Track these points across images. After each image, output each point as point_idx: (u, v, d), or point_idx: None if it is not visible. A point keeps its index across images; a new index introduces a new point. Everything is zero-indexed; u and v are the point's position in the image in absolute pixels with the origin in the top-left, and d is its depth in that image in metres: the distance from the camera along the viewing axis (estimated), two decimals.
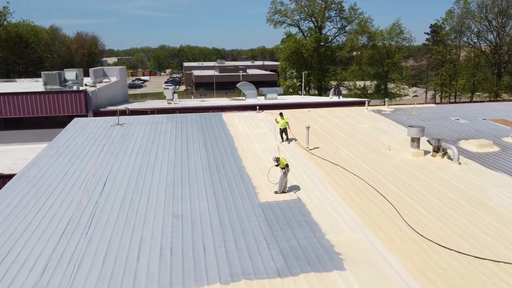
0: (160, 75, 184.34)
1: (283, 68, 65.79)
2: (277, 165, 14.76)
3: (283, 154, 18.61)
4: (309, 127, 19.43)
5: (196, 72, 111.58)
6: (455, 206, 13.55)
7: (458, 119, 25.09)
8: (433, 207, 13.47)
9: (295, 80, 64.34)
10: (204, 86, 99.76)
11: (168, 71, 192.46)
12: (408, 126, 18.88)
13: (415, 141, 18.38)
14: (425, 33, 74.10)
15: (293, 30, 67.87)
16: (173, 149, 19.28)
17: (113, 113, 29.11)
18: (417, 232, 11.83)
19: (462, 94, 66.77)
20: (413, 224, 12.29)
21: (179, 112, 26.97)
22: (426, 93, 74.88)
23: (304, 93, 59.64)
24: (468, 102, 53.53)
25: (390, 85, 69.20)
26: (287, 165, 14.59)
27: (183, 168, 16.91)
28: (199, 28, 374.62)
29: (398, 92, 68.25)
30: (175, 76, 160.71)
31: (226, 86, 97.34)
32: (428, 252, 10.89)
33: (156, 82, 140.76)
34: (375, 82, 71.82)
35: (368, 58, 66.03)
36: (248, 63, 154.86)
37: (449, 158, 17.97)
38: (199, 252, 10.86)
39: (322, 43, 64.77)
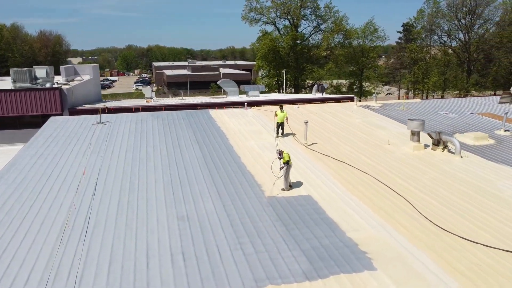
0: (128, 75, 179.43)
1: (259, 67, 65.11)
2: (280, 158, 13.98)
3: (281, 148, 17.83)
4: (307, 122, 18.75)
5: (167, 72, 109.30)
6: (469, 199, 13.21)
7: (447, 113, 25.16)
8: (447, 201, 13.07)
9: (272, 78, 63.69)
10: (176, 86, 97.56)
11: (136, 71, 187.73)
12: (408, 120, 18.55)
13: (416, 134, 18.05)
14: (397, 31, 75.56)
15: (269, 28, 67.31)
16: (164, 147, 18.12)
17: (91, 112, 27.51)
18: (438, 226, 11.35)
19: (434, 91, 68.32)
20: (432, 218, 11.80)
21: (160, 110, 25.68)
22: (399, 91, 76.25)
23: (284, 91, 59.13)
24: (446, 98, 54.57)
25: (365, 83, 69.86)
26: (287, 162, 13.80)
27: (179, 167, 15.83)
28: (167, 28, 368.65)
29: (372, 90, 68.96)
30: (145, 76, 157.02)
31: (199, 85, 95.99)
32: (454, 247, 10.42)
33: (125, 82, 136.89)
34: (349, 80, 72.36)
35: (344, 56, 66.37)
36: (220, 62, 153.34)
37: (449, 151, 17.76)
38: (214, 256, 9.91)
39: (298, 41, 64.53)
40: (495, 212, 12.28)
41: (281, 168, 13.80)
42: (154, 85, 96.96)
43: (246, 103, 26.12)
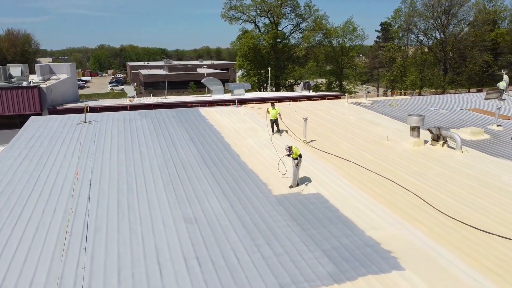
0: (102, 75, 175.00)
1: (240, 65, 64.40)
2: (288, 155, 13.44)
3: (279, 147, 17.30)
4: (306, 119, 18.26)
5: (143, 72, 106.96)
6: (479, 193, 13.03)
7: (437, 109, 25.24)
8: (459, 195, 12.83)
9: (253, 77, 63.07)
10: (153, 86, 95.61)
11: (110, 71, 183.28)
12: (408, 115, 18.36)
13: (416, 130, 17.85)
14: (376, 30, 76.46)
15: (249, 26, 66.73)
16: (158, 146, 17.24)
17: (72, 111, 26.18)
18: (459, 221, 11.05)
19: (413, 90, 69.41)
20: (449, 214, 11.50)
21: (144, 109, 24.68)
22: (378, 90, 77.22)
23: (267, 90, 58.66)
24: (434, 95, 55.34)
25: (344, 82, 70.28)
26: (300, 156, 13.32)
27: (177, 166, 15.02)
28: (139, 28, 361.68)
29: (352, 89, 69.46)
30: (119, 76, 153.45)
31: (177, 85, 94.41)
32: (475, 242, 10.17)
33: (98, 83, 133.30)
34: (328, 79, 72.62)
35: (324, 55, 66.52)
36: (197, 62, 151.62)
37: (449, 146, 17.65)
38: (231, 260, 9.24)
39: (279, 40, 64.23)
40: (506, 205, 12.10)
41: (296, 164, 13.21)
42: (135, 84, 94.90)
43: (236, 101, 25.43)
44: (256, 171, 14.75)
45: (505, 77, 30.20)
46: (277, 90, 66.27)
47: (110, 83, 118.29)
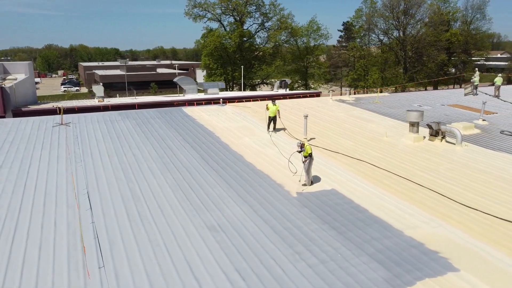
0: (51, 76, 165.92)
1: (206, 64, 62.93)
2: (299, 151, 12.76)
3: (280, 145, 16.62)
4: (307, 116, 17.65)
5: (100, 72, 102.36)
6: (496, 187, 13.02)
7: (420, 105, 25.55)
8: (478, 190, 12.73)
9: (220, 76, 61.80)
10: (111, 86, 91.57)
11: (60, 72, 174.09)
12: (407, 111, 18.24)
13: (415, 125, 17.75)
14: (338, 30, 77.62)
15: (214, 25, 65.47)
16: (151, 149, 15.93)
17: (39, 113, 23.97)
18: (492, 215, 10.82)
19: (377, 88, 71.05)
20: (476, 208, 11.28)
21: (127, 109, 23.10)
22: (341, 88, 78.54)
23: (236, 89, 57.80)
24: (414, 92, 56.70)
25: (310, 81, 70.76)
26: (310, 155, 12.69)
27: (179, 170, 13.86)
28: (89, 27, 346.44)
29: (316, 88, 70.05)
30: (72, 77, 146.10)
31: (137, 85, 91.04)
32: None
33: (49, 84, 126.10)
34: (291, 78, 72.77)
35: (291, 54, 66.56)
36: (154, 62, 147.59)
37: (447, 141, 17.71)
38: (275, 271, 8.37)
39: (245, 39, 63.46)
40: None
41: (304, 161, 12.57)
42: (101, 84, 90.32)
43: (221, 100, 24.39)
44: (266, 171, 13.91)
45: (477, 73, 31.30)
46: (244, 90, 65.46)
47: (62, 84, 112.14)
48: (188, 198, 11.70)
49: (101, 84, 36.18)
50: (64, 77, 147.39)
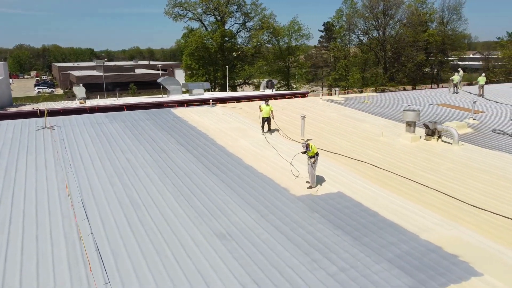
0: (23, 77, 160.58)
1: (187, 65, 61.90)
2: (304, 152, 12.41)
3: (277, 147, 16.21)
4: (304, 117, 17.30)
5: (75, 73, 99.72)
6: (500, 186, 12.98)
7: (410, 105, 25.62)
8: (485, 190, 12.66)
9: (202, 76, 60.89)
10: (88, 87, 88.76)
11: (33, 73, 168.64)
12: (404, 110, 18.14)
13: (412, 125, 17.66)
14: (319, 30, 77.81)
15: (194, 24, 64.56)
16: (145, 153, 15.22)
17: (19, 116, 22.77)
18: (502, 216, 10.69)
19: (359, 88, 71.69)
20: (484, 208, 11.15)
21: (114, 110, 22.21)
22: (322, 88, 78.79)
23: (218, 90, 57.09)
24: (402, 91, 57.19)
25: (292, 81, 70.71)
26: (317, 154, 12.36)
27: (178, 174, 13.24)
28: (62, 27, 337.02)
29: (298, 88, 70.06)
30: (45, 78, 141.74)
31: (116, 86, 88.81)
32: None
33: (21, 85, 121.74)
34: (273, 78, 72.59)
35: (273, 54, 66.30)
36: (131, 63, 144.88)
37: (443, 141, 17.70)
38: (295, 281, 7.93)
39: (227, 39, 62.81)
40: None
41: (312, 163, 12.21)
42: (81, 85, 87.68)
43: (211, 101, 23.79)
44: (268, 175, 13.45)
45: (461, 72, 31.75)
46: (225, 90, 64.82)
47: (36, 85, 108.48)
48: (191, 205, 11.12)
49: (81, 85, 34.73)
50: (37, 78, 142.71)
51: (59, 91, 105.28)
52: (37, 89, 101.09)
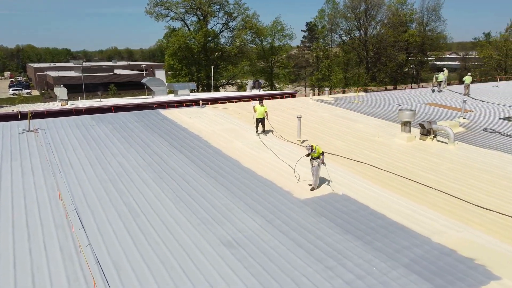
0: None
1: (170, 65, 60.89)
2: (308, 155, 12.13)
3: (274, 148, 15.84)
4: (301, 117, 16.95)
5: (53, 74, 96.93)
6: (502, 186, 12.91)
7: (399, 105, 25.64)
8: (488, 190, 12.59)
9: (185, 77, 60.00)
10: (67, 89, 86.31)
11: (7, 73, 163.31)
12: (399, 110, 18.01)
13: (407, 125, 17.55)
14: (302, 30, 77.98)
15: (176, 24, 63.62)
16: (138, 156, 14.58)
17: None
18: (510, 216, 10.58)
19: (343, 88, 72.11)
20: (489, 208, 11.04)
21: (103, 112, 21.42)
22: (305, 88, 78.96)
23: (200, 90, 56.29)
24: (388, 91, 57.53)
25: (275, 81, 70.54)
26: (322, 153, 12.08)
27: (175, 179, 12.69)
28: (37, 27, 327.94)
29: (282, 88, 69.98)
30: (20, 79, 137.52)
31: (95, 87, 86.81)
32: None
33: None
34: (259, 78, 72.30)
35: (256, 54, 65.95)
36: (110, 63, 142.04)
37: (438, 140, 17.66)
38: None
39: (210, 38, 62.09)
40: None
41: (317, 164, 11.91)
42: (62, 86, 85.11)
43: (201, 102, 23.23)
44: (269, 178, 13.04)
45: (446, 72, 32.10)
46: (209, 91, 64.13)
47: (10, 87, 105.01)
48: (193, 211, 10.61)
49: (62, 85, 33.47)
50: (12, 79, 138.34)
51: (35, 92, 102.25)
52: (12, 90, 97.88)
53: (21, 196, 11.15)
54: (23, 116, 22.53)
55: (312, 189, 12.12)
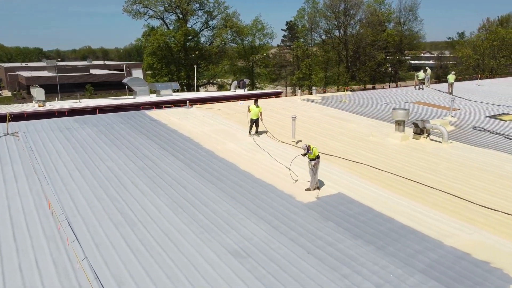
0: None
1: (149, 64, 59.55)
2: (304, 155, 11.80)
3: (270, 150, 15.42)
4: (295, 118, 16.56)
5: (25, 74, 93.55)
6: (502, 185, 12.87)
7: (387, 104, 25.64)
8: (490, 190, 12.52)
9: (164, 77, 58.78)
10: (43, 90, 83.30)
11: None
12: (393, 109, 17.85)
13: (401, 124, 17.42)
14: (282, 29, 77.77)
15: (155, 22, 62.33)
16: (128, 161, 13.86)
17: None
18: None
19: (324, 87, 72.28)
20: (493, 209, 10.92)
21: (87, 113, 20.47)
22: (286, 88, 78.86)
23: (179, 90, 55.18)
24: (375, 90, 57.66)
25: (256, 80, 70.05)
26: (318, 156, 11.73)
27: (169, 183, 12.07)
28: (6, 25, 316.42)
29: (263, 88, 69.62)
30: None
31: (70, 88, 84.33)
32: None
33: None
34: (237, 78, 71.70)
35: (237, 53, 65.31)
36: (85, 63, 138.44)
37: (431, 139, 17.61)
38: None
39: (190, 37, 61.07)
40: None
41: (313, 166, 11.57)
42: (38, 86, 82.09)
43: (188, 101, 22.56)
44: (268, 181, 12.58)
45: (428, 71, 32.44)
46: (189, 91, 63.13)
47: None
48: (193, 218, 10.04)
49: (38, 86, 31.94)
50: None
51: (6, 93, 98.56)
52: None
53: (5, 206, 10.31)
54: (1, 118, 21.31)
55: (308, 189, 11.77)
